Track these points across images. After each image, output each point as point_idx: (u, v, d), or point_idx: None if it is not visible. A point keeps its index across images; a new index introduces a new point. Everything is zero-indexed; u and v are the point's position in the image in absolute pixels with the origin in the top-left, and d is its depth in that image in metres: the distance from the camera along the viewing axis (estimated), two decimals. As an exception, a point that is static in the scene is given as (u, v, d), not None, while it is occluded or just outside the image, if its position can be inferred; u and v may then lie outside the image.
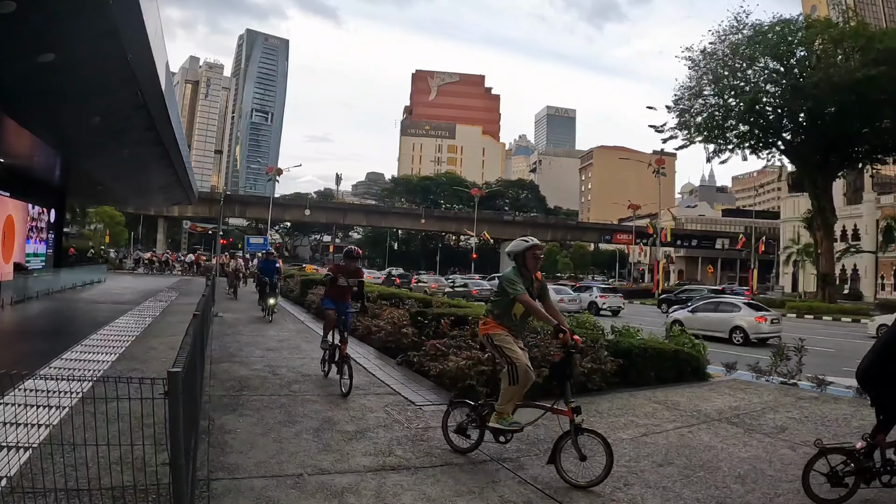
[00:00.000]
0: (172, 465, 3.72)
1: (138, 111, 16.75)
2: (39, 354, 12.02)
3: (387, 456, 6.61)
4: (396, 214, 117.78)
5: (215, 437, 6.92)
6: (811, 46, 44.17)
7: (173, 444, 3.71)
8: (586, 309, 33.30)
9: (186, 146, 31.19)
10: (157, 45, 13.62)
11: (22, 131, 17.84)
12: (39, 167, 25.71)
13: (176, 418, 3.71)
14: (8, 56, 11.78)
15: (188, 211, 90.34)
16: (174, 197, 48.43)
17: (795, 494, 5.83)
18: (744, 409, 9.39)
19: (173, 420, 3.70)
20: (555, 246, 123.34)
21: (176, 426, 3.71)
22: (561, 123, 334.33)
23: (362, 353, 13.54)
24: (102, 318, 18.86)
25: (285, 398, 9.07)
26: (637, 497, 5.71)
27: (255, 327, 18.03)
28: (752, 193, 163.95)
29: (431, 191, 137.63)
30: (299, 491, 5.51)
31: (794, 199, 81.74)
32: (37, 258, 30.53)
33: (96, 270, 39.57)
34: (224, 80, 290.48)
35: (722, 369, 12.78)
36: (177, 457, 3.71)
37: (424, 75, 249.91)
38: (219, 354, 12.68)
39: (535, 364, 9.61)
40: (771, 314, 25.32)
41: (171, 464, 3.73)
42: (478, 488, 5.79)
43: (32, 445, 6.07)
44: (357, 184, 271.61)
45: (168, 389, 3.69)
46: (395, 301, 17.76)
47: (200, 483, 5.38)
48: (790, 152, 48.97)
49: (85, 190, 36.87)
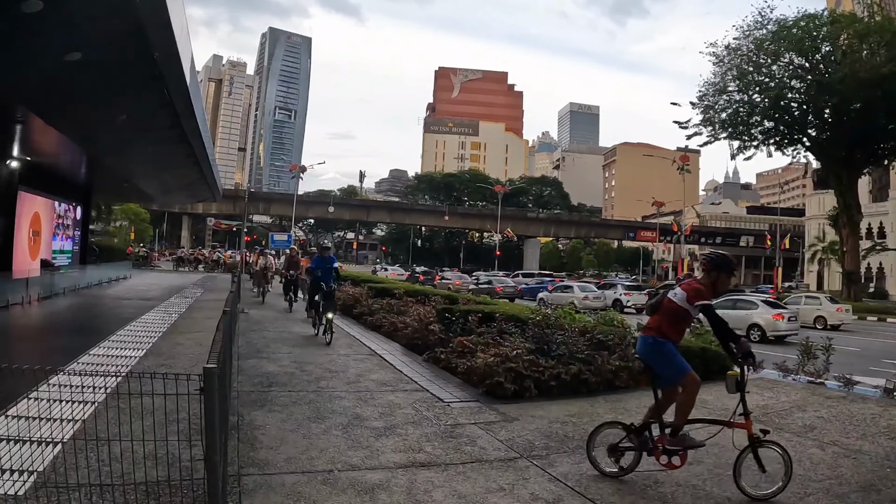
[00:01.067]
0: (207, 460, 3.72)
1: (164, 109, 16.81)
2: (67, 350, 12.12)
3: (416, 452, 6.60)
4: (420, 211, 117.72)
5: (244, 432, 6.94)
6: (836, 41, 43.73)
7: (209, 439, 3.70)
8: (611, 306, 33.15)
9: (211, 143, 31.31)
10: (183, 44, 13.67)
11: (49, 129, 17.96)
12: (66, 165, 25.90)
13: (212, 414, 3.70)
14: (35, 55, 11.86)
15: (212, 208, 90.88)
16: (199, 194, 48.65)
17: (825, 494, 5.80)
18: (771, 408, 9.31)
19: (209, 416, 3.70)
20: (578, 243, 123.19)
21: (212, 422, 3.70)
22: (584, 120, 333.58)
23: (388, 349, 13.58)
24: (129, 314, 19.00)
25: (313, 394, 9.10)
26: (668, 495, 5.68)
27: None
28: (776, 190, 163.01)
29: (455, 188, 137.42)
30: (330, 487, 5.51)
31: (820, 197, 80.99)
32: (63, 255, 30.79)
33: (122, 267, 39.85)
34: (247, 78, 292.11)
35: (748, 368, 12.67)
36: (212, 452, 3.70)
37: (447, 72, 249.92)
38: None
39: (563, 361, 9.62)
40: (788, 312, 25.17)
41: (205, 459, 3.72)
42: (508, 485, 5.78)
43: (62, 441, 6.09)
44: (380, 181, 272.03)
45: (204, 385, 3.69)
46: (421, 298, 17.77)
47: (231, 479, 5.36)
48: (815, 149, 48.58)
49: (111, 187, 37.12)
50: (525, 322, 11.22)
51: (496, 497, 5.48)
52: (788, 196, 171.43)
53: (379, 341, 14.59)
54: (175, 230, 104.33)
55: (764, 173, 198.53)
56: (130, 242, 69.21)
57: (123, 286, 32.30)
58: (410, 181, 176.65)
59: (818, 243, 69.15)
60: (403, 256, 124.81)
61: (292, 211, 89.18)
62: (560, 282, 49.56)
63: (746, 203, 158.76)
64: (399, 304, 17.62)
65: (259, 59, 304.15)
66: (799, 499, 5.69)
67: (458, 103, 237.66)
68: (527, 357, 9.42)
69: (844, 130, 44.17)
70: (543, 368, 9.32)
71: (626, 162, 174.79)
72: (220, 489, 3.92)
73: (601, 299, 36.61)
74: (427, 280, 51.50)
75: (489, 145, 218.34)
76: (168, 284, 34.73)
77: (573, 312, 13.95)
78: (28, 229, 25.04)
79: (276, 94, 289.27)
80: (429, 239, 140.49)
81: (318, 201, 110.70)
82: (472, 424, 7.72)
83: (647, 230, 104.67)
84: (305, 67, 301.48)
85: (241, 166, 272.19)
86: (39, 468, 5.42)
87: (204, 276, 48.28)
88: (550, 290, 41.29)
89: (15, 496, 4.83)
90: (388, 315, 16.22)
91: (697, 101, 49.87)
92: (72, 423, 6.66)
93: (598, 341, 10.59)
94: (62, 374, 7.42)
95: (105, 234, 71.41)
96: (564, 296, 36.21)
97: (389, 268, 78.44)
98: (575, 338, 10.55)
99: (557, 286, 42.78)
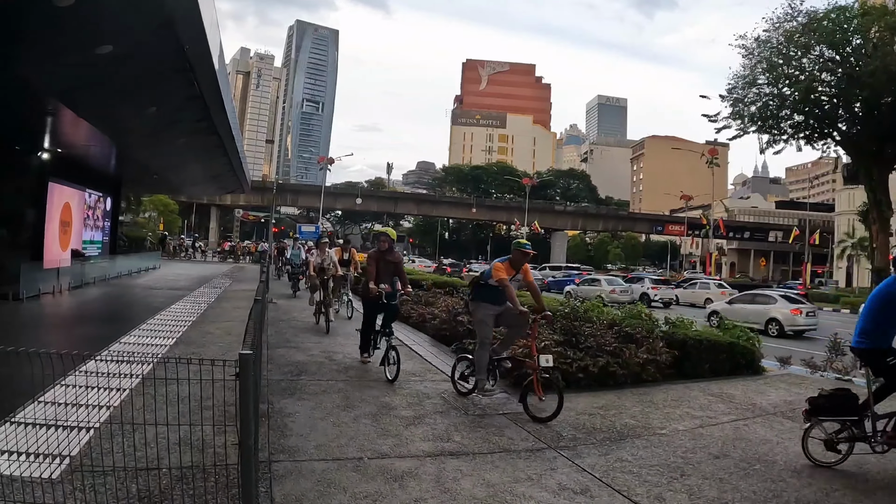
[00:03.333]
0: (242, 445, 3.77)
1: (193, 101, 16.94)
2: (98, 338, 12.28)
3: (445, 441, 6.65)
4: (447, 204, 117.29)
5: (275, 420, 7.01)
6: (867, 34, 43.05)
7: (243, 424, 3.75)
8: (638, 300, 33.09)
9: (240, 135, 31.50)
10: (213, 36, 13.76)
11: (79, 121, 18.12)
12: (96, 156, 26.13)
13: (246, 400, 3.76)
14: (67, 48, 11.99)
15: (240, 199, 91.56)
16: (227, 185, 48.96)
17: (851, 491, 5.77)
18: (799, 404, 9.22)
19: (244, 401, 3.76)
20: (606, 236, 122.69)
21: (246, 407, 3.76)
22: (612, 112, 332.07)
23: (417, 340, 13.65)
24: (158, 303, 19.22)
25: (342, 383, 9.18)
26: (694, 487, 5.68)
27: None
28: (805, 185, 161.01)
29: (482, 180, 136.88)
30: (360, 474, 5.57)
31: (850, 192, 79.72)
32: (93, 245, 31.12)
33: (151, 257, 40.23)
34: (275, 71, 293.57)
35: (775, 363, 12.65)
36: (246, 437, 3.75)
37: (475, 64, 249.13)
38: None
39: (591, 354, 9.63)
40: (806, 307, 25.13)
41: (240, 444, 3.77)
42: (536, 475, 5.81)
43: (94, 426, 6.20)
44: (408, 173, 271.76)
45: (239, 371, 3.74)
46: (449, 289, 17.84)
47: (262, 465, 5.40)
48: (846, 143, 47.89)
49: (140, 178, 37.43)
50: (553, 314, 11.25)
51: (523, 486, 5.51)
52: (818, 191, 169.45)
53: (407, 332, 14.63)
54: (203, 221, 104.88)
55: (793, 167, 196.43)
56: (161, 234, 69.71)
57: (152, 276, 32.64)
58: (438, 173, 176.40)
59: (847, 239, 68.20)
60: (430, 249, 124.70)
61: (320, 202, 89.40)
62: (587, 275, 49.45)
63: (775, 198, 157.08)
64: (427, 295, 17.68)
65: (286, 52, 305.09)
66: (825, 494, 5.69)
67: (486, 95, 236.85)
68: (555, 349, 9.43)
69: (875, 125, 43.49)
70: (571, 360, 9.35)
71: (655, 155, 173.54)
72: (254, 474, 3.98)
73: (628, 293, 36.60)
74: (455, 272, 51.54)
75: (517, 138, 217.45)
76: (197, 275, 35.06)
77: (601, 305, 13.94)
78: (58, 220, 25.32)
79: (303, 87, 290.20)
80: (456, 231, 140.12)
81: (345, 193, 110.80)
82: (499, 415, 7.76)
83: (675, 224, 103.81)
84: (333, 60, 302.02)
85: (268, 158, 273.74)
86: (73, 452, 5.53)
87: (233, 267, 48.62)
88: (577, 283, 41.29)
89: (50, 479, 4.91)
90: (416, 306, 16.25)
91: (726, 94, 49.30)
92: (104, 409, 6.76)
93: (626, 334, 10.59)
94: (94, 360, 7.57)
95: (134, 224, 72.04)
96: (591, 289, 36.19)
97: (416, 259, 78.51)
98: (603, 330, 10.56)
99: (584, 279, 42.74)
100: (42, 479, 4.91)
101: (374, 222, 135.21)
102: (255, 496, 4.04)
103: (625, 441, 6.95)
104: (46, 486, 4.74)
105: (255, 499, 3.96)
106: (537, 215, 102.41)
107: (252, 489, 3.90)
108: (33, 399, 6.70)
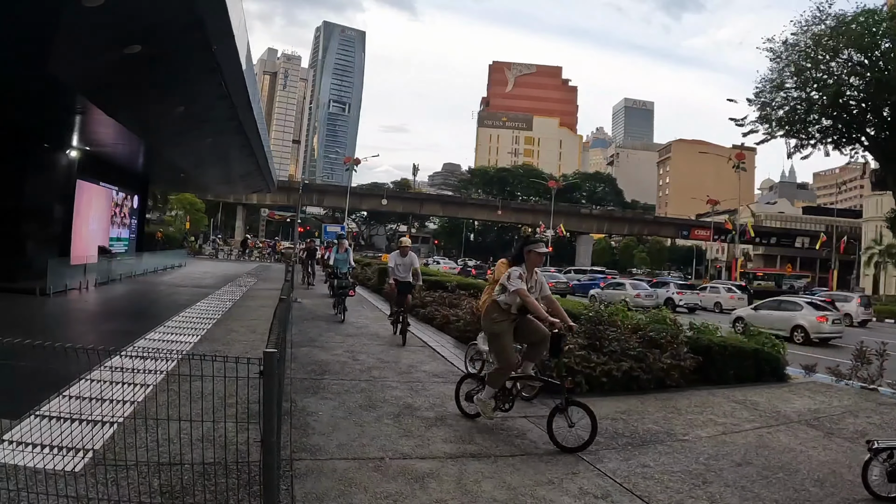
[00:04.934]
0: (264, 442, 3.79)
1: (221, 101, 17.08)
2: (123, 334, 12.43)
3: (466, 443, 6.64)
4: (473, 205, 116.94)
5: (297, 418, 7.03)
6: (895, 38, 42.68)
7: (266, 421, 3.78)
8: (663, 305, 32.90)
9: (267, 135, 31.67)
10: (241, 36, 13.87)
11: (108, 121, 18.31)
12: (124, 155, 26.41)
13: (270, 397, 3.78)
14: (97, 48, 12.12)
15: (266, 199, 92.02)
16: (253, 185, 49.30)
17: (874, 501, 5.74)
18: (823, 412, 9.17)
19: (267, 399, 3.78)
20: (631, 240, 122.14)
21: (270, 405, 3.78)
22: (639, 116, 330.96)
23: (440, 341, 13.63)
24: (183, 300, 19.34)
25: (365, 383, 9.19)
26: (716, 495, 5.64)
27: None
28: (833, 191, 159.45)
29: (508, 182, 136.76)
30: (381, 474, 5.57)
31: (878, 198, 78.78)
32: (120, 242, 31.41)
33: (177, 255, 40.50)
34: (301, 72, 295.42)
35: (800, 371, 12.53)
36: (269, 434, 3.78)
37: (501, 66, 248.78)
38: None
39: (615, 358, 9.58)
40: (832, 314, 24.96)
41: (262, 441, 3.80)
42: (557, 479, 5.79)
43: (118, 421, 6.26)
44: (434, 174, 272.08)
45: (263, 369, 3.76)
46: (473, 291, 17.81)
47: (283, 463, 5.42)
48: (874, 148, 47.40)
49: (167, 177, 37.80)
50: (577, 318, 11.19)
51: (545, 490, 5.50)
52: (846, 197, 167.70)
53: (431, 333, 14.63)
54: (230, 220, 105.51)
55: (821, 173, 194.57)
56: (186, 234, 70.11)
57: (178, 274, 32.84)
58: (464, 175, 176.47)
59: (875, 246, 67.44)
60: (455, 250, 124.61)
61: (345, 203, 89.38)
62: (612, 279, 49.25)
63: (802, 203, 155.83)
64: (451, 297, 17.67)
65: (313, 53, 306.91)
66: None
67: (512, 97, 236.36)
68: (578, 352, 9.40)
69: (903, 130, 43.12)
70: (595, 364, 9.29)
71: (681, 159, 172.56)
72: (275, 471, 4.00)
73: (653, 297, 36.44)
74: (479, 274, 51.46)
75: (543, 140, 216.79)
76: (222, 273, 35.24)
77: (625, 309, 13.86)
78: (86, 217, 25.57)
79: (330, 87, 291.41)
80: (481, 233, 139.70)
81: (371, 193, 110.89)
82: (521, 418, 7.73)
83: (702, 229, 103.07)
84: (359, 61, 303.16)
85: (294, 158, 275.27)
86: (96, 446, 5.57)
87: (258, 266, 48.85)
88: (602, 286, 41.11)
89: (73, 472, 4.96)
90: (440, 308, 16.24)
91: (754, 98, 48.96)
92: (128, 404, 6.82)
93: (650, 339, 10.51)
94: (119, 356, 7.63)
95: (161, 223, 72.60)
96: (616, 293, 36.06)
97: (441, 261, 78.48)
98: (627, 335, 10.49)
99: (609, 283, 42.60)
100: (65, 471, 4.97)
101: (399, 223, 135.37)
102: (277, 494, 4.06)
103: (647, 446, 6.91)
104: (69, 479, 4.79)
105: (276, 496, 3.98)
106: (563, 218, 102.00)
107: (274, 486, 3.92)
108: (58, 393, 6.78)
